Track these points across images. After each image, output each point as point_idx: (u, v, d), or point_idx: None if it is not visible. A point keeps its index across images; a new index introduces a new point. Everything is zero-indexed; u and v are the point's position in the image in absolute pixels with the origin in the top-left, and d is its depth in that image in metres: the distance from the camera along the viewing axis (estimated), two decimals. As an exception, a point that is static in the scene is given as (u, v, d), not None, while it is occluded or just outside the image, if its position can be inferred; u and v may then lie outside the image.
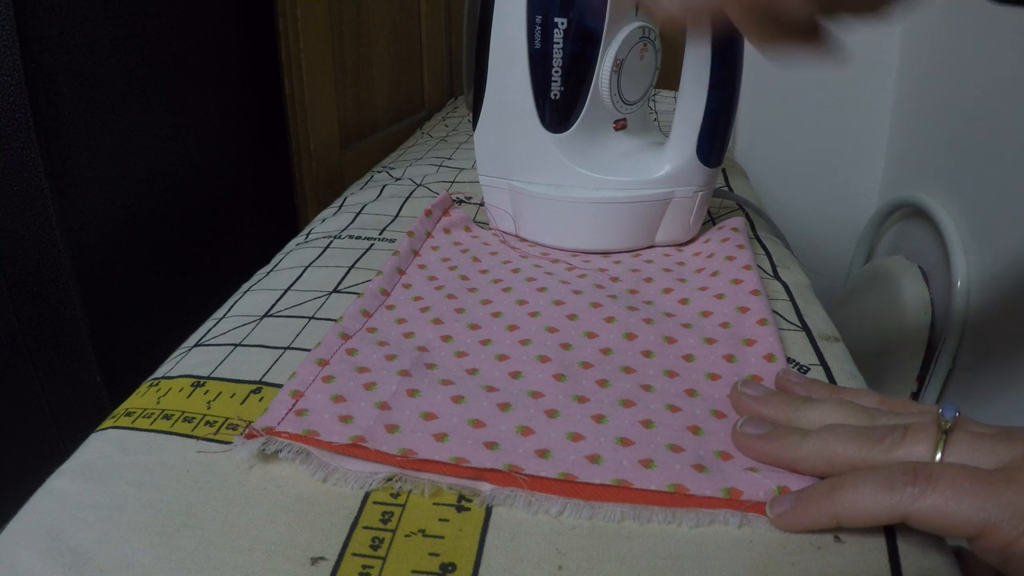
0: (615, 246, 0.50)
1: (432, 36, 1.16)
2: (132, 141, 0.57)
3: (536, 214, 0.51)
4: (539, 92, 0.47)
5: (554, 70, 0.46)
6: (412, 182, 0.69)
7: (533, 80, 0.47)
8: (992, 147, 0.76)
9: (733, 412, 0.32)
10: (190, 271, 0.66)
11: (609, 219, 0.49)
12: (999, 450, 0.23)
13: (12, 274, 0.51)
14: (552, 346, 0.37)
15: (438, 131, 0.98)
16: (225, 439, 0.31)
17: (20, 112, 0.47)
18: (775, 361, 0.35)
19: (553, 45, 0.46)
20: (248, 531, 0.26)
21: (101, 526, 0.26)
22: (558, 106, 0.47)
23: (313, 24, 0.75)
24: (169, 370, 0.37)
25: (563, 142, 0.48)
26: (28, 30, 0.46)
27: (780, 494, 0.26)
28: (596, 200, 0.48)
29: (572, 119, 0.48)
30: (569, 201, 0.49)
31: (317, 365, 0.34)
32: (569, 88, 0.47)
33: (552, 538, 0.25)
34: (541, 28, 0.45)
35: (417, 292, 0.44)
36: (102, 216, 0.54)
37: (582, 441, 0.29)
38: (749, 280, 0.42)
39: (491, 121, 0.51)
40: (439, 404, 0.32)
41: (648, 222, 0.49)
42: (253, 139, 0.75)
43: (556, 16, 0.45)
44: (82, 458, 0.31)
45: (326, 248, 0.52)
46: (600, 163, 0.49)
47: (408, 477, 0.28)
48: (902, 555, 0.24)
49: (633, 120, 0.52)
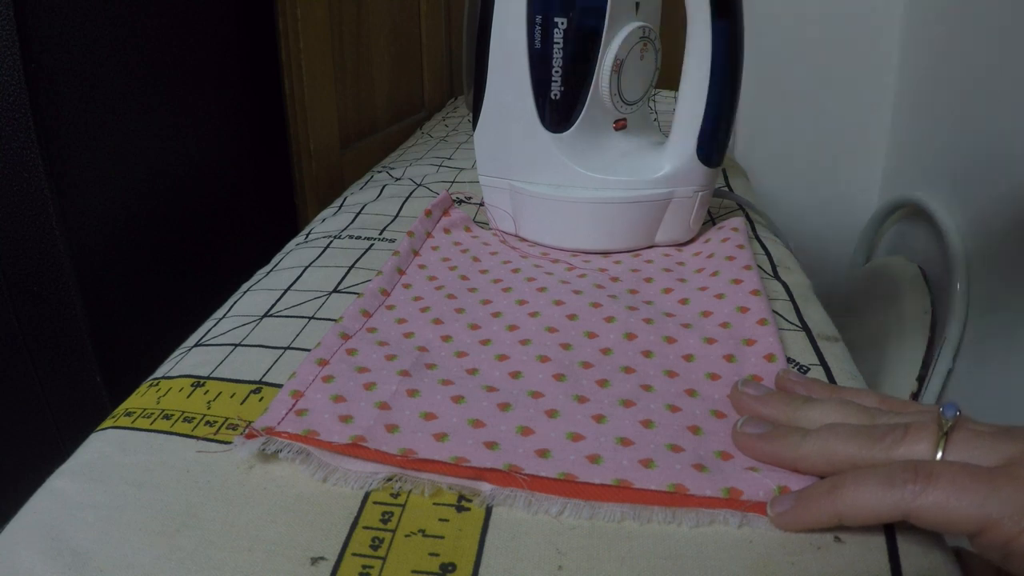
0: (615, 246, 0.50)
1: (432, 36, 1.16)
2: (132, 141, 0.57)
3: (536, 214, 0.51)
4: (539, 92, 0.47)
5: (554, 70, 0.46)
6: (412, 182, 0.69)
7: (533, 80, 0.47)
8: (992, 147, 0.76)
9: (733, 412, 0.32)
10: (190, 271, 0.66)
11: (609, 219, 0.49)
12: (999, 448, 0.23)
13: (12, 274, 0.51)
14: (552, 346, 0.37)
15: (438, 131, 0.98)
16: (225, 439, 0.31)
17: (20, 112, 0.47)
18: (775, 361, 0.35)
19: (553, 45, 0.46)
20: (248, 531, 0.26)
21: (101, 526, 0.26)
22: (558, 106, 0.47)
23: (313, 24, 0.75)
24: (169, 370, 0.37)
25: (563, 142, 0.48)
26: (28, 30, 0.46)
27: (780, 494, 0.26)
28: (596, 200, 0.48)
29: (572, 119, 0.48)
30: (569, 201, 0.49)
31: (317, 365, 0.34)
32: (569, 88, 0.47)
33: (552, 538, 0.25)
34: (541, 28, 0.45)
35: (417, 292, 0.44)
36: (102, 216, 0.54)
37: (582, 441, 0.29)
38: (749, 280, 0.42)
39: (491, 121, 0.51)
40: (439, 404, 0.32)
41: (648, 222, 0.49)
42: (253, 139, 0.75)
43: (556, 16, 0.45)
44: (82, 458, 0.31)
45: (326, 248, 0.52)
46: (600, 163, 0.49)
47: (408, 477, 0.28)
48: (902, 555, 0.24)
49: (633, 120, 0.52)
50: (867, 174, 1.08)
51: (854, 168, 1.08)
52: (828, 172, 1.10)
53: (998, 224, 0.74)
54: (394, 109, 1.04)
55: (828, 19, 1.02)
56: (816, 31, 1.03)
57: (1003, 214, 0.73)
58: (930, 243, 0.87)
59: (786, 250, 0.53)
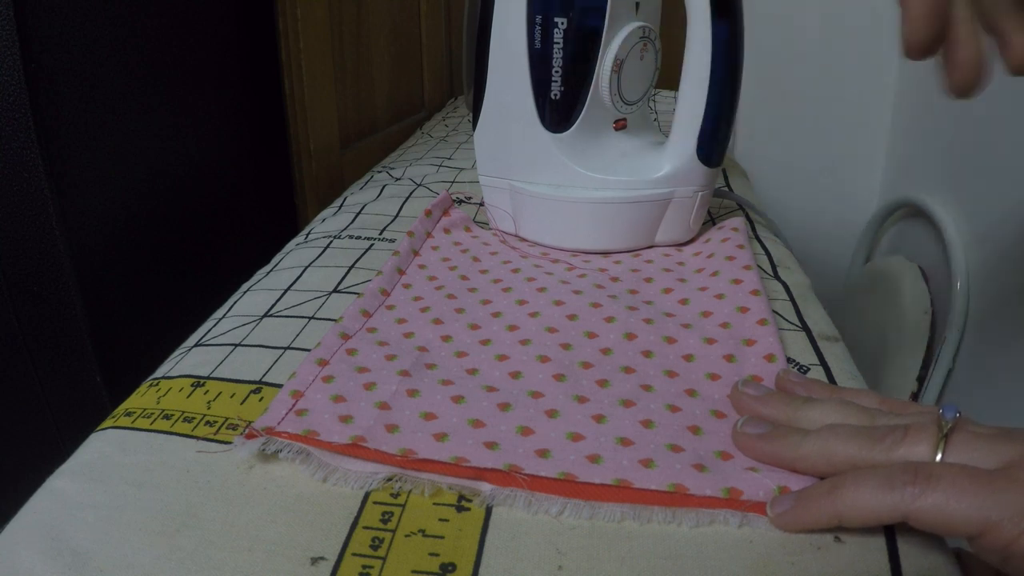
0: (615, 246, 0.50)
1: (432, 36, 1.16)
2: (132, 141, 0.57)
3: (536, 214, 0.51)
4: (539, 92, 0.47)
5: (554, 70, 0.46)
6: (412, 182, 0.69)
7: (533, 80, 0.47)
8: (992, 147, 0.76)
9: (733, 412, 0.32)
10: (190, 271, 0.66)
11: (609, 219, 0.49)
12: (999, 450, 0.23)
13: (12, 274, 0.51)
14: (552, 346, 0.37)
15: (438, 131, 0.98)
16: (225, 439, 0.31)
17: (20, 112, 0.47)
18: (775, 361, 0.35)
19: (553, 45, 0.46)
20: (248, 531, 0.26)
21: (101, 526, 0.26)
22: (558, 106, 0.47)
23: (313, 24, 0.75)
24: (169, 370, 0.37)
25: (563, 142, 0.48)
26: (28, 30, 0.46)
27: (780, 494, 0.26)
28: (596, 200, 0.48)
29: (572, 119, 0.48)
30: (569, 201, 0.49)
31: (317, 365, 0.34)
32: (569, 88, 0.47)
33: (552, 538, 0.25)
34: (541, 28, 0.45)
35: (417, 292, 0.44)
36: (102, 216, 0.54)
37: (582, 441, 0.29)
38: (749, 280, 0.42)
39: (491, 121, 0.51)
40: (439, 404, 0.32)
41: (648, 222, 0.49)
42: (253, 139, 0.75)
43: (556, 16, 0.45)
44: (82, 458, 0.31)
45: (326, 248, 0.52)
46: (600, 163, 0.49)
47: (408, 477, 0.28)
48: (902, 555, 0.24)
49: (633, 120, 0.52)
50: (867, 174, 1.08)
51: (854, 168, 1.08)
52: (828, 172, 1.10)
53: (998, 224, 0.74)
54: (394, 109, 1.04)
55: (828, 19, 1.02)
56: (816, 31, 1.03)
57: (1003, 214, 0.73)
58: (930, 243, 0.87)
59: (786, 250, 0.53)
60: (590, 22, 0.45)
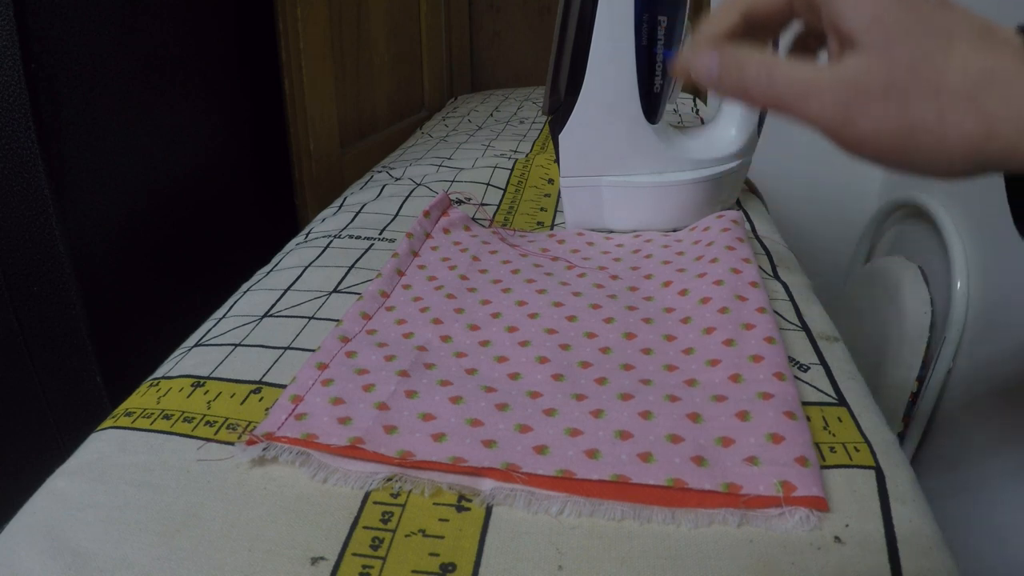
0: (697, 220, 0.53)
1: (432, 36, 1.16)
2: (132, 141, 0.57)
3: (631, 203, 0.54)
4: (643, 86, 0.50)
5: (657, 64, 0.50)
6: (412, 182, 0.69)
7: (639, 75, 0.50)
8: (992, 147, 0.76)
9: (733, 396, 0.31)
10: (190, 271, 0.66)
11: (705, 194, 0.53)
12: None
13: (12, 274, 0.51)
14: (551, 347, 0.37)
15: (438, 131, 0.98)
16: (225, 439, 0.31)
17: (20, 112, 0.47)
18: (776, 344, 0.35)
19: (657, 41, 0.49)
20: (248, 531, 0.26)
21: (101, 526, 0.26)
22: (657, 99, 0.51)
23: (313, 24, 0.75)
24: (169, 370, 0.37)
25: (659, 132, 0.52)
26: (28, 30, 0.46)
27: (781, 489, 0.26)
28: (697, 180, 0.53)
29: (662, 110, 0.52)
30: (672, 185, 0.53)
31: (317, 369, 0.34)
32: (666, 81, 0.51)
33: (552, 538, 0.25)
34: (648, 26, 0.49)
35: (417, 292, 0.44)
36: (102, 216, 0.54)
37: (580, 436, 0.29)
38: (748, 272, 0.42)
39: (586, 120, 0.52)
40: (438, 404, 0.32)
41: (728, 190, 0.55)
42: (253, 139, 0.75)
43: (660, 15, 0.49)
44: (82, 458, 0.31)
45: (326, 248, 0.52)
46: (685, 147, 0.53)
47: (408, 477, 0.28)
48: (902, 555, 0.24)
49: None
50: (867, 174, 1.08)
51: (854, 168, 1.08)
52: (828, 172, 1.10)
53: (998, 224, 0.74)
54: (394, 109, 1.04)
55: (828, 19, 1.02)
56: (816, 31, 1.03)
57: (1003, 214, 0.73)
58: (930, 243, 0.87)
59: (786, 250, 0.53)
60: (681, 19, 0.49)
